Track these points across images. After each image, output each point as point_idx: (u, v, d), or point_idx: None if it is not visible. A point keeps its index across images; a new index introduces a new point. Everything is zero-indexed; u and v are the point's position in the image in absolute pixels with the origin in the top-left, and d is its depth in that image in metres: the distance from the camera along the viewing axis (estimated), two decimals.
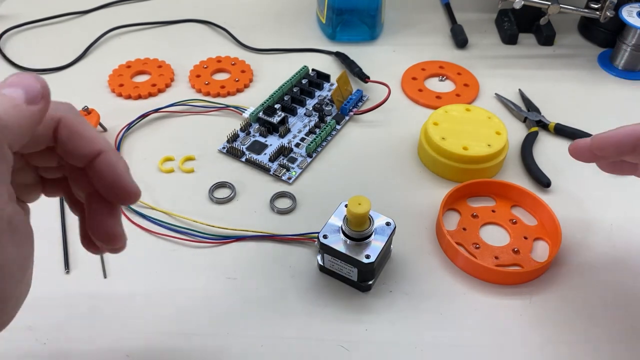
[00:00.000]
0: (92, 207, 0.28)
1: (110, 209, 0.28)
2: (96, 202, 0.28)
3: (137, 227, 0.45)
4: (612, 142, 0.35)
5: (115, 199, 0.27)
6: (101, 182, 0.27)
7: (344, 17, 0.64)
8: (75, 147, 0.26)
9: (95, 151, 0.27)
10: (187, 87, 0.60)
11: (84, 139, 0.27)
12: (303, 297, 0.41)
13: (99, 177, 0.27)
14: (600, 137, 0.35)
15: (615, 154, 0.35)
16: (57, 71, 0.61)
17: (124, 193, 0.27)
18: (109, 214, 0.28)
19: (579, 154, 0.38)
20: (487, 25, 0.69)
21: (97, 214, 0.28)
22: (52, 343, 0.38)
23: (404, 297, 0.41)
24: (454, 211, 0.47)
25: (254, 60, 0.63)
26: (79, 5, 0.71)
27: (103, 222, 0.28)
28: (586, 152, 0.37)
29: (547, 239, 0.44)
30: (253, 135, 0.53)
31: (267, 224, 0.46)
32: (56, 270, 0.42)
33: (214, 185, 0.49)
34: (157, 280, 0.42)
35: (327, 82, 0.59)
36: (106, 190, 0.27)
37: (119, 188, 0.27)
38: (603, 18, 0.61)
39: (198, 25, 0.69)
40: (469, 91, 0.59)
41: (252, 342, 0.38)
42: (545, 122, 0.54)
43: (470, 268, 0.42)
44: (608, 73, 0.62)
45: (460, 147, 0.48)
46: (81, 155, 0.27)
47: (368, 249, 0.39)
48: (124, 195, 0.27)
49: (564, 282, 0.42)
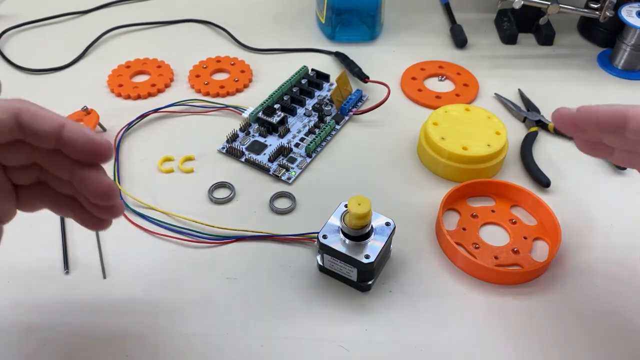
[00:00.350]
0: (77, 177, 0.31)
1: (92, 168, 0.31)
2: (78, 170, 0.30)
3: (136, 227, 0.45)
4: (595, 116, 0.33)
5: (92, 156, 0.30)
6: (74, 148, 0.29)
7: (344, 17, 0.64)
8: (40, 125, 0.29)
9: (58, 124, 0.29)
10: (186, 87, 0.60)
11: (46, 118, 0.29)
12: (303, 297, 0.41)
13: (70, 145, 0.29)
14: (586, 109, 0.34)
15: (596, 129, 0.34)
16: (57, 71, 0.61)
17: (97, 147, 0.30)
18: (95, 171, 0.31)
19: (561, 122, 0.36)
20: (487, 25, 0.69)
21: (83, 178, 0.30)
22: (52, 343, 0.38)
23: (404, 297, 0.41)
24: (454, 211, 0.47)
25: (254, 60, 0.63)
26: (78, 5, 0.71)
27: (91, 180, 0.30)
28: (568, 122, 0.35)
29: (546, 239, 0.44)
30: (252, 135, 0.53)
31: (267, 224, 0.46)
32: (56, 271, 0.42)
33: (213, 185, 0.49)
34: (157, 280, 0.42)
35: (326, 82, 0.59)
36: (81, 152, 0.30)
37: (91, 144, 0.29)
38: (602, 18, 0.61)
39: (197, 25, 0.69)
40: (468, 91, 0.59)
41: (252, 342, 0.38)
42: (545, 122, 0.54)
43: (469, 268, 0.42)
44: (607, 73, 0.62)
45: (459, 147, 0.48)
46: (47, 131, 0.29)
47: (368, 249, 0.39)
48: (97, 149, 0.30)
49: (564, 282, 0.42)
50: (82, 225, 0.34)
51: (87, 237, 0.44)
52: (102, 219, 0.33)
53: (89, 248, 0.44)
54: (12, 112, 0.28)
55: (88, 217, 0.33)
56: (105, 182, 0.31)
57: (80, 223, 0.34)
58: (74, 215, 0.34)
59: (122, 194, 0.47)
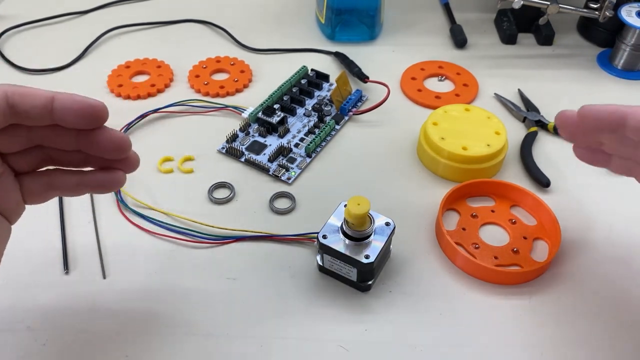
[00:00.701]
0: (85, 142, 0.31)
1: (98, 130, 0.31)
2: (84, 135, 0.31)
3: (136, 227, 0.45)
4: (595, 113, 0.34)
5: (89, 119, 0.30)
6: (70, 116, 0.29)
7: (343, 17, 0.64)
8: (30, 102, 0.29)
9: (48, 97, 0.29)
10: (186, 87, 0.60)
11: (35, 94, 0.29)
12: (302, 297, 0.41)
13: (66, 116, 0.29)
14: (587, 106, 0.34)
15: (596, 128, 0.34)
16: (56, 71, 0.61)
17: (92, 110, 0.30)
18: (100, 131, 0.31)
19: (565, 122, 0.37)
20: (487, 25, 0.69)
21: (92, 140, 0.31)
22: (51, 343, 0.38)
23: (404, 297, 0.41)
24: (454, 211, 0.47)
25: (253, 60, 0.63)
26: (78, 5, 0.71)
27: (102, 139, 0.31)
28: (571, 122, 0.36)
29: (546, 239, 0.44)
30: (252, 135, 0.53)
31: (267, 224, 0.46)
32: (56, 271, 0.42)
33: (213, 185, 0.49)
34: (157, 280, 0.42)
35: (326, 82, 0.59)
36: (78, 119, 0.30)
37: (86, 108, 0.29)
38: (602, 18, 0.61)
39: (197, 25, 0.69)
40: (468, 91, 0.59)
41: (252, 342, 0.38)
42: (545, 122, 0.54)
43: (469, 268, 0.42)
44: (607, 73, 0.62)
45: (459, 147, 0.48)
46: (38, 106, 0.29)
47: (367, 249, 0.39)
48: (93, 111, 0.30)
49: (564, 282, 0.42)
50: (99, 191, 0.34)
51: (87, 237, 0.44)
52: (117, 174, 0.33)
53: (89, 248, 0.44)
54: (1, 96, 0.28)
55: (102, 180, 0.33)
56: (117, 135, 0.31)
57: (96, 190, 0.34)
58: (85, 187, 0.33)
59: (122, 194, 0.47)
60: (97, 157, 0.32)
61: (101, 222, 0.45)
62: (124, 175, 0.34)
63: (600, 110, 0.33)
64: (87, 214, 0.46)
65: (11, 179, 0.31)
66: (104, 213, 0.46)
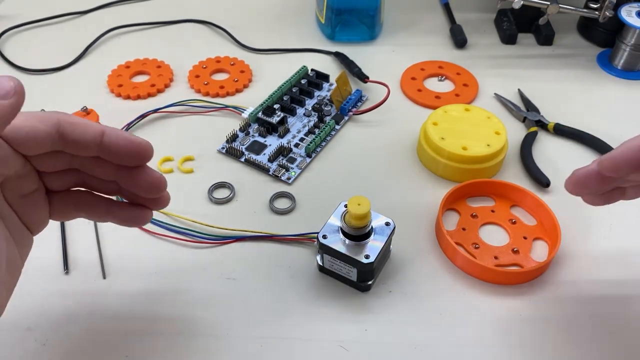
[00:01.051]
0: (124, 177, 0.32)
1: (138, 167, 0.32)
2: (124, 171, 0.32)
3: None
4: (626, 158, 0.32)
5: (135, 158, 0.31)
6: (116, 151, 0.30)
7: (343, 17, 0.64)
8: (80, 135, 0.29)
9: (99, 132, 0.30)
10: (186, 87, 0.60)
11: (86, 126, 0.30)
12: (302, 297, 0.41)
13: (113, 150, 0.30)
14: (610, 157, 0.32)
15: (628, 170, 0.32)
16: (56, 71, 0.61)
17: (138, 149, 0.31)
18: (141, 169, 0.32)
19: (583, 184, 0.34)
20: (486, 25, 0.69)
21: (132, 177, 0.32)
22: (51, 343, 0.38)
23: (404, 297, 0.41)
24: (454, 211, 0.47)
25: (253, 60, 0.63)
26: (78, 5, 0.71)
27: (142, 177, 0.32)
28: (593, 179, 0.33)
29: (546, 239, 0.44)
30: (252, 135, 0.53)
31: (267, 224, 0.46)
32: (55, 271, 0.42)
33: (213, 185, 0.49)
34: (156, 280, 0.42)
35: (326, 82, 0.59)
36: (124, 157, 0.30)
37: (133, 147, 0.30)
38: (602, 18, 0.61)
39: (197, 25, 0.69)
40: (468, 91, 0.59)
41: (252, 342, 0.38)
42: (545, 122, 0.54)
43: (469, 268, 0.42)
44: (607, 73, 0.62)
45: (459, 147, 0.48)
46: (88, 140, 0.29)
47: (367, 249, 0.39)
48: (139, 151, 0.31)
49: (564, 282, 0.42)
50: (122, 224, 0.34)
51: (87, 237, 0.44)
52: (144, 213, 0.34)
53: (89, 248, 0.44)
54: (53, 123, 0.28)
55: (131, 215, 0.34)
56: (155, 175, 0.32)
57: (121, 223, 0.34)
58: (112, 217, 0.34)
59: None
60: (131, 192, 0.33)
61: (101, 222, 0.45)
62: (151, 214, 0.34)
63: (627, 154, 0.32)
64: None
65: (43, 195, 0.32)
66: None
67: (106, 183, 0.33)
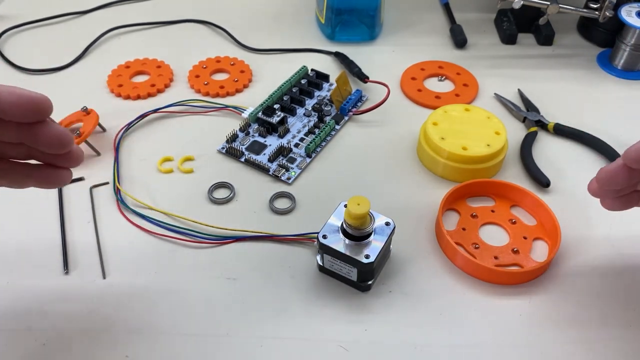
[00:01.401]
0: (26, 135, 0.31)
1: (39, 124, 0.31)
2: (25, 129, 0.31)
3: (136, 227, 0.45)
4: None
5: (32, 113, 0.30)
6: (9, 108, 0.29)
7: (343, 17, 0.64)
8: None
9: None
10: (186, 87, 0.60)
11: None
12: (302, 297, 0.41)
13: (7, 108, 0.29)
14: (635, 149, 0.32)
15: None
16: (56, 71, 0.61)
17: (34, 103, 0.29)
18: (42, 124, 0.31)
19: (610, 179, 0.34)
20: (486, 25, 0.69)
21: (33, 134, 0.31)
22: (51, 343, 0.38)
23: (404, 297, 0.41)
24: (454, 211, 0.47)
25: (253, 60, 0.63)
26: (78, 5, 0.71)
27: (42, 133, 0.31)
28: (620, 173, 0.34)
29: (546, 239, 0.44)
30: (252, 135, 0.53)
31: (267, 224, 0.46)
32: (55, 271, 0.42)
33: (213, 185, 0.49)
34: (156, 280, 0.42)
35: (326, 82, 0.59)
36: (17, 111, 0.29)
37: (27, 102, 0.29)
38: (602, 18, 0.61)
39: (197, 25, 0.69)
40: (468, 91, 0.59)
41: (252, 342, 0.38)
42: (545, 122, 0.54)
43: (469, 268, 0.42)
44: (607, 73, 0.62)
45: (459, 147, 0.48)
46: None
47: (367, 249, 0.39)
48: (35, 105, 0.30)
49: (564, 282, 0.42)
50: (44, 186, 0.34)
51: (87, 237, 0.44)
52: (62, 172, 0.34)
53: (89, 248, 0.44)
54: None
55: (47, 176, 0.34)
56: (58, 129, 0.31)
57: (41, 185, 0.34)
58: (32, 180, 0.34)
59: (122, 194, 0.47)
60: (40, 151, 0.32)
61: (101, 222, 0.45)
62: (69, 173, 0.34)
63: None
64: (87, 214, 0.46)
65: None
66: (104, 213, 0.46)
67: (14, 147, 0.32)
